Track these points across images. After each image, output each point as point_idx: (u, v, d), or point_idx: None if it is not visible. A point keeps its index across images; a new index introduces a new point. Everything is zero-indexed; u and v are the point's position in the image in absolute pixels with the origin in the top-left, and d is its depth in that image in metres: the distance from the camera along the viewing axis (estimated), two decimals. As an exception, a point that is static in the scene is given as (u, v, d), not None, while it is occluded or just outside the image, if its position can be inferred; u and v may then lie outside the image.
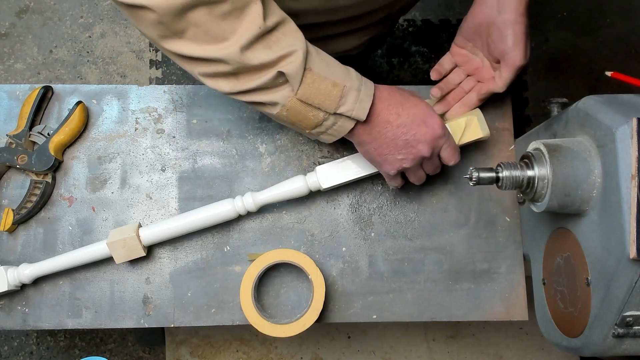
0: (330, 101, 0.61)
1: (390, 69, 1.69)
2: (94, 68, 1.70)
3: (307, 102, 0.61)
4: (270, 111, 0.63)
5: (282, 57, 0.58)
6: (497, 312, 0.78)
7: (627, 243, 0.50)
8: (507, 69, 0.70)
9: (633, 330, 0.55)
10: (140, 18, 0.55)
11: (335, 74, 0.61)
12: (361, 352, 1.28)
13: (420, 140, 0.65)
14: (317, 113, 0.62)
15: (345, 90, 0.61)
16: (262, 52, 0.58)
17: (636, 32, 1.73)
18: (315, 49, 0.62)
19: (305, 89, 0.60)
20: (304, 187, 0.74)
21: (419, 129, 0.65)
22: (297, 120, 0.63)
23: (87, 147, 0.81)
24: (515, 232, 0.79)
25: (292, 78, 0.59)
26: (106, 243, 0.72)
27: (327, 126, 0.64)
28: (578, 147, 0.58)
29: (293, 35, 0.60)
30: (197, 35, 0.56)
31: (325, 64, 0.61)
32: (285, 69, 0.58)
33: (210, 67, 0.59)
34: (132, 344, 1.54)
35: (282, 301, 0.78)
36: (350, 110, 0.62)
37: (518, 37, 0.67)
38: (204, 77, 0.61)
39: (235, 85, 0.60)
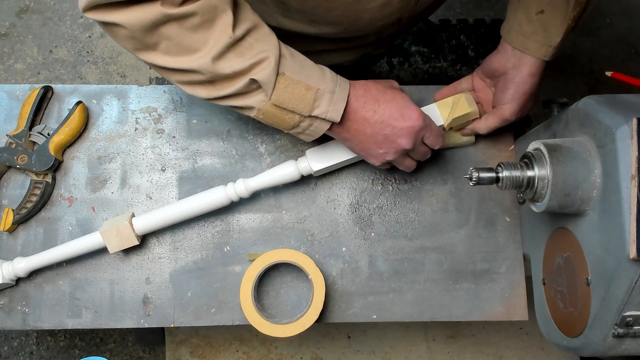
0: (304, 104, 0.62)
1: (390, 69, 1.68)
2: (94, 68, 1.70)
3: (281, 106, 0.62)
4: (247, 114, 0.64)
5: (255, 65, 0.59)
6: (497, 312, 0.78)
7: (627, 243, 0.50)
8: (494, 117, 0.74)
9: (633, 330, 0.55)
10: (114, 33, 0.58)
11: (309, 77, 0.62)
12: (361, 352, 1.28)
13: (400, 134, 0.66)
14: (292, 116, 0.63)
15: (319, 93, 0.62)
16: (234, 61, 0.59)
17: (636, 32, 1.73)
18: (289, 51, 0.63)
19: (278, 94, 0.61)
20: (295, 171, 0.74)
21: (397, 122, 0.66)
22: (273, 122, 0.64)
23: (87, 147, 0.81)
24: (515, 232, 0.79)
25: (264, 84, 0.60)
26: (99, 232, 0.73)
27: (304, 127, 0.65)
28: (578, 147, 0.58)
29: (265, 39, 0.60)
30: (170, 48, 0.58)
31: (299, 66, 0.62)
32: (257, 76, 0.59)
33: (185, 76, 0.61)
34: (132, 344, 1.54)
35: (282, 301, 0.78)
36: (325, 112, 0.63)
37: (517, 94, 0.70)
38: (180, 84, 0.63)
39: (212, 92, 0.62)
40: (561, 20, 0.67)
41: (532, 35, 0.68)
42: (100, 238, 0.73)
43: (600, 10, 1.74)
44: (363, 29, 0.75)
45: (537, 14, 0.68)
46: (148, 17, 0.55)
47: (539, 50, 0.69)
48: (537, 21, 0.68)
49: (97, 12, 0.56)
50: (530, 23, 0.68)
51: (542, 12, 0.67)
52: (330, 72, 0.64)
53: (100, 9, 0.56)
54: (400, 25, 0.80)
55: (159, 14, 0.55)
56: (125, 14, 0.55)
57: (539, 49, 0.69)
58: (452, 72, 1.70)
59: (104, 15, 0.56)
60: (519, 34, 0.69)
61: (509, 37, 0.71)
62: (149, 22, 0.55)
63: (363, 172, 0.80)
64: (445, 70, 1.71)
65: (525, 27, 0.69)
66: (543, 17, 0.67)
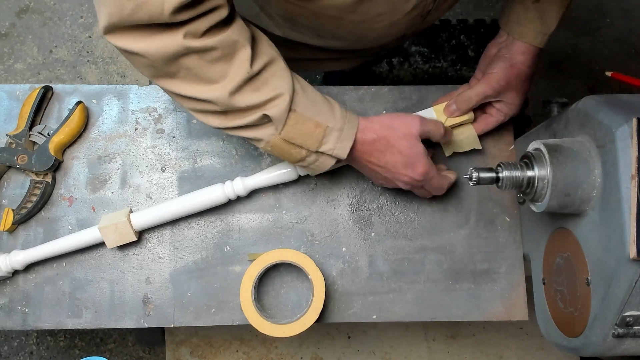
0: (312, 141, 0.63)
1: (390, 69, 1.68)
2: (94, 68, 1.70)
3: (290, 141, 0.63)
4: (255, 144, 0.65)
5: (269, 100, 0.60)
6: (497, 312, 0.78)
7: (627, 243, 0.50)
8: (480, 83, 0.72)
9: (633, 330, 0.55)
10: (133, 61, 0.58)
11: (319, 113, 0.63)
12: (361, 352, 1.28)
13: (399, 179, 0.69)
14: (299, 150, 0.64)
15: (328, 131, 0.63)
16: (250, 95, 0.59)
17: (636, 32, 1.73)
18: (301, 86, 0.63)
19: (288, 130, 0.62)
20: (292, 171, 0.75)
21: (399, 171, 0.67)
22: (280, 155, 0.65)
23: (87, 147, 0.81)
24: (515, 232, 0.79)
25: (276, 120, 0.61)
26: (98, 227, 0.73)
27: (310, 162, 0.66)
28: (578, 147, 0.58)
29: (281, 75, 0.61)
30: (188, 77, 0.58)
31: (310, 102, 0.63)
32: (270, 112, 0.60)
33: (200, 105, 0.61)
34: (132, 344, 1.54)
35: (282, 301, 0.78)
36: (332, 149, 0.64)
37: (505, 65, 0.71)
38: (193, 111, 0.63)
39: (223, 122, 0.62)
40: (557, 7, 0.68)
41: (528, 24, 0.69)
42: (98, 233, 0.73)
43: (600, 10, 1.74)
44: (369, 44, 0.75)
45: (533, 3, 0.68)
46: (170, 49, 0.55)
47: (535, 38, 0.70)
48: (533, 9, 0.69)
49: (118, 38, 0.55)
50: (527, 11, 0.69)
51: (538, 0, 0.68)
52: (339, 109, 0.65)
53: (121, 34, 0.55)
54: (404, 40, 0.80)
55: (180, 46, 0.55)
56: (147, 42, 0.55)
57: (536, 37, 0.69)
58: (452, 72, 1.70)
59: (125, 42, 0.55)
60: (515, 22, 0.70)
61: (507, 26, 0.71)
62: (171, 53, 0.55)
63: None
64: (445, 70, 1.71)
65: (522, 15, 0.69)
66: (539, 5, 0.68)
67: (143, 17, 0.52)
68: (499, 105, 0.74)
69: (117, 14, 0.52)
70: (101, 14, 0.53)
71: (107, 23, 0.53)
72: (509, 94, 0.72)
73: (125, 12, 0.52)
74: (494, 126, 0.76)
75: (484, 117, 0.77)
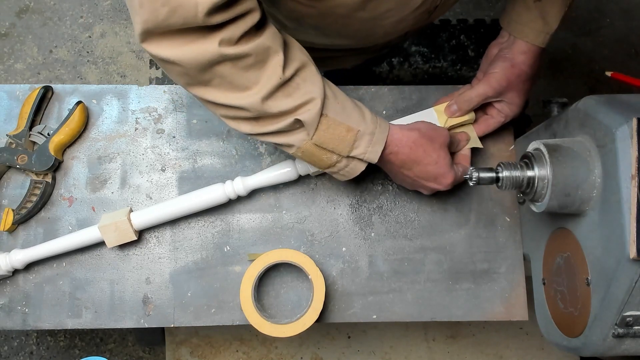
0: (343, 146, 0.63)
1: (390, 69, 1.69)
2: (94, 68, 1.70)
3: (321, 146, 0.63)
4: (286, 150, 0.65)
5: (301, 105, 0.60)
6: (497, 312, 0.78)
7: (627, 243, 0.50)
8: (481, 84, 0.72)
9: (633, 330, 0.55)
10: (168, 69, 0.58)
11: (350, 118, 0.63)
12: (361, 352, 1.28)
13: (424, 187, 0.71)
14: (330, 155, 0.64)
15: (359, 135, 0.63)
16: (282, 101, 0.59)
17: (636, 32, 1.73)
18: (332, 91, 0.63)
19: (320, 135, 0.62)
20: (292, 171, 0.75)
21: (427, 183, 0.70)
22: (311, 161, 0.65)
23: (87, 147, 0.81)
24: (515, 232, 0.79)
25: (308, 125, 0.61)
26: (98, 227, 0.73)
27: (340, 167, 0.66)
28: (578, 147, 0.58)
29: (312, 80, 0.61)
30: (221, 85, 0.58)
31: (341, 107, 0.63)
32: (302, 117, 0.60)
33: (232, 112, 0.61)
34: (132, 344, 1.54)
35: (282, 301, 0.78)
36: (363, 153, 0.64)
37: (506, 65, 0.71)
38: (225, 118, 0.63)
39: (255, 128, 0.62)
40: (559, 7, 0.68)
41: (530, 23, 0.69)
42: (97, 232, 0.73)
43: (600, 10, 1.74)
44: (374, 42, 0.75)
45: (535, 2, 0.68)
46: (205, 57, 0.55)
47: (537, 37, 0.69)
48: (535, 9, 0.69)
49: (154, 45, 0.55)
50: (529, 11, 0.69)
51: (539, 0, 0.68)
52: (369, 113, 0.65)
53: (157, 41, 0.54)
54: (407, 37, 0.80)
55: (216, 53, 0.54)
56: (182, 49, 0.54)
57: (537, 37, 0.69)
58: (452, 72, 1.70)
59: (161, 50, 0.55)
60: (517, 22, 0.70)
61: (509, 26, 0.71)
62: (206, 61, 0.55)
63: (363, 172, 0.80)
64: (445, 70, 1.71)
65: (523, 15, 0.69)
66: (541, 4, 0.68)
67: (177, 20, 0.52)
68: (499, 105, 0.74)
69: (152, 20, 0.52)
70: (136, 22, 0.53)
71: (143, 30, 0.53)
72: (510, 94, 0.72)
73: (160, 17, 0.52)
74: (495, 127, 0.76)
75: (484, 119, 0.77)
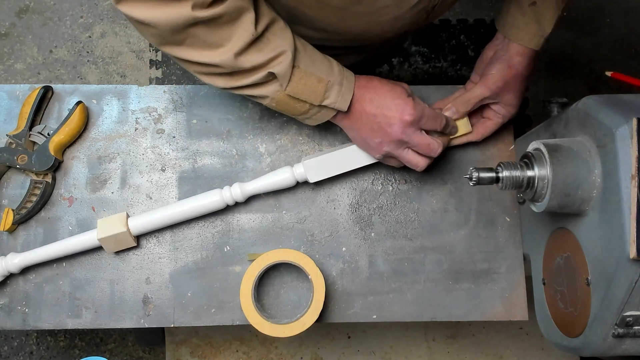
0: (315, 95, 0.66)
1: (390, 69, 1.69)
2: (94, 68, 1.70)
3: (294, 97, 0.66)
4: (260, 101, 0.68)
5: (273, 58, 0.63)
6: (497, 312, 0.78)
7: (627, 243, 0.50)
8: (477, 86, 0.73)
9: (633, 330, 0.55)
10: (141, 30, 0.60)
11: (320, 69, 0.66)
12: (361, 352, 1.28)
13: (391, 123, 0.68)
14: (303, 104, 0.67)
15: (329, 85, 0.66)
16: (255, 56, 0.62)
17: (636, 32, 1.73)
18: (302, 44, 0.66)
19: (293, 85, 0.64)
20: (290, 178, 0.75)
21: (389, 112, 0.68)
22: (284, 110, 0.69)
23: (87, 147, 0.81)
24: (515, 232, 0.79)
25: (281, 77, 0.64)
26: (97, 239, 0.73)
27: (312, 114, 0.69)
28: (578, 147, 0.58)
29: (282, 34, 0.63)
30: (194, 44, 0.61)
31: (310, 59, 0.66)
32: (275, 69, 0.63)
33: (205, 69, 0.64)
34: (132, 344, 1.54)
35: (282, 301, 0.78)
36: (333, 102, 0.67)
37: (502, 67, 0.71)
38: (199, 74, 0.65)
39: (229, 82, 0.65)
40: (552, 11, 0.69)
41: (524, 27, 0.70)
42: (94, 237, 0.74)
43: (600, 10, 1.74)
44: (371, 39, 0.76)
45: (529, 6, 0.69)
46: (178, 20, 0.57)
47: (531, 41, 0.70)
48: (530, 13, 0.70)
49: (129, 7, 0.57)
50: (524, 15, 0.70)
51: (534, 3, 0.69)
52: (337, 65, 0.68)
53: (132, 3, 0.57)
54: (406, 37, 0.81)
55: (189, 17, 0.57)
56: (156, 12, 0.56)
57: (532, 40, 0.70)
58: (452, 72, 1.70)
59: (135, 11, 0.57)
60: (512, 26, 0.71)
61: (504, 29, 0.72)
62: (180, 24, 0.57)
63: (363, 172, 0.80)
64: (445, 70, 1.71)
65: (518, 19, 0.70)
66: (535, 8, 0.69)
67: None
68: (496, 107, 0.75)
69: None
70: None
71: None
72: (507, 95, 0.73)
73: None
74: (493, 130, 0.77)
75: (482, 122, 0.77)
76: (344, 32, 0.73)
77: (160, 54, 1.70)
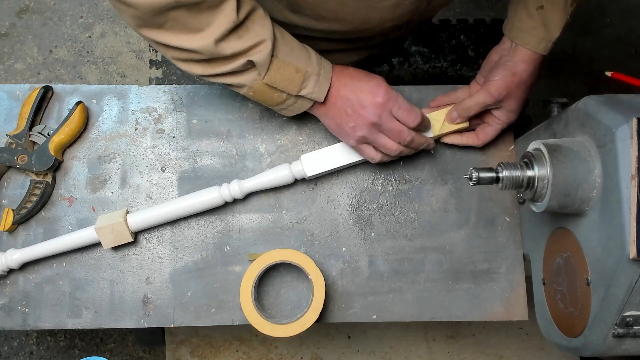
0: (293, 85, 0.66)
1: (390, 69, 1.69)
2: (94, 68, 1.70)
3: (272, 86, 0.66)
4: (237, 90, 0.68)
5: (253, 47, 0.63)
6: (497, 312, 0.78)
7: (627, 243, 0.50)
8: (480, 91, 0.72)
9: (633, 330, 0.55)
10: (122, 10, 0.59)
11: (298, 59, 0.66)
12: (361, 352, 1.28)
13: (364, 104, 0.69)
14: (280, 94, 0.67)
15: (307, 75, 0.66)
16: (235, 43, 0.62)
17: (636, 32, 1.73)
18: (280, 33, 0.66)
19: (271, 75, 0.65)
20: (288, 175, 0.75)
21: (362, 95, 0.69)
22: (261, 99, 0.69)
23: (87, 147, 0.81)
24: (515, 232, 0.79)
25: (260, 66, 0.64)
26: (94, 228, 0.73)
27: (289, 104, 0.69)
28: (578, 147, 0.58)
29: (261, 23, 0.63)
30: (174, 27, 0.60)
31: (289, 48, 0.66)
32: (254, 58, 0.63)
33: (183, 54, 0.63)
34: (132, 344, 1.54)
35: (282, 301, 0.78)
36: (310, 93, 0.67)
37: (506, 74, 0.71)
38: (176, 60, 0.65)
39: (207, 70, 0.64)
40: (560, 15, 0.69)
41: (532, 30, 0.70)
42: (94, 233, 0.74)
43: (600, 10, 1.74)
44: (372, 29, 0.75)
45: (537, 9, 0.69)
46: (161, 2, 0.56)
47: (538, 45, 0.70)
48: (537, 16, 0.69)
49: None
50: (531, 18, 0.69)
51: (541, 7, 0.69)
52: (315, 55, 0.68)
53: None
54: (407, 28, 0.80)
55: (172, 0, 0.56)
56: None
57: (539, 44, 0.70)
58: (452, 72, 1.70)
59: None
60: (520, 29, 0.71)
61: (511, 33, 0.72)
62: (162, 5, 0.57)
63: (363, 172, 0.80)
64: (445, 70, 1.71)
65: (525, 22, 0.70)
66: (543, 12, 0.69)
67: None
68: (497, 113, 0.75)
69: None
70: None
71: None
72: (509, 102, 0.73)
73: None
74: (494, 136, 0.77)
75: (482, 127, 0.77)
76: (344, 19, 0.72)
77: (161, 55, 1.70)
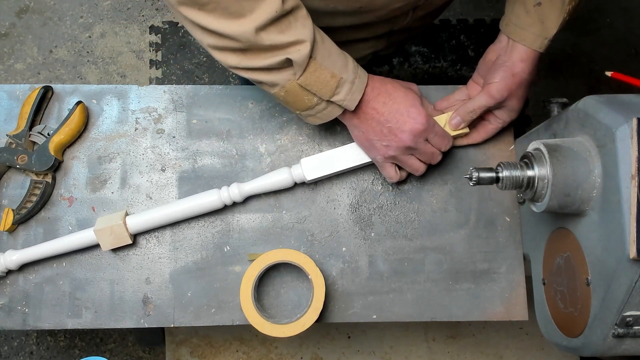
0: (326, 90, 0.65)
1: (390, 69, 1.69)
2: (94, 68, 1.70)
3: (305, 88, 0.64)
4: (268, 90, 0.66)
5: (292, 44, 0.61)
6: (497, 312, 0.78)
7: (627, 243, 0.50)
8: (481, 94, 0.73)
9: (633, 330, 0.55)
10: None
11: (335, 64, 0.65)
12: (361, 352, 1.28)
13: (403, 129, 0.69)
14: (311, 98, 0.66)
15: (342, 82, 0.65)
16: (275, 35, 0.60)
17: (636, 32, 1.73)
18: (320, 36, 0.64)
19: (306, 76, 0.63)
20: (288, 178, 0.75)
21: (402, 118, 0.68)
22: (291, 101, 0.67)
23: (87, 147, 0.81)
24: (515, 232, 0.79)
25: (297, 65, 0.62)
26: (93, 230, 0.73)
27: (318, 110, 0.68)
28: (578, 147, 0.58)
29: (303, 22, 0.62)
30: (216, 10, 0.58)
31: (327, 52, 0.65)
32: (293, 56, 0.61)
33: (221, 41, 0.61)
34: (132, 344, 1.54)
35: (282, 301, 0.78)
36: (342, 100, 0.66)
37: (506, 75, 0.71)
38: (212, 49, 0.63)
39: (242, 61, 0.63)
40: (557, 12, 0.69)
41: (528, 27, 0.70)
42: (93, 235, 0.74)
43: (600, 10, 1.74)
44: (379, 10, 0.75)
45: (534, 6, 0.69)
46: None
47: (534, 41, 0.70)
48: (534, 13, 0.69)
49: None
50: (528, 15, 0.69)
51: (539, 4, 0.69)
52: (352, 62, 0.67)
53: None
54: (413, 17, 0.80)
55: None
56: None
57: (535, 41, 0.70)
58: (452, 72, 1.70)
59: None
60: (516, 25, 0.70)
61: (507, 29, 0.72)
62: None
63: (363, 172, 0.80)
64: (445, 70, 1.71)
65: (522, 19, 0.70)
66: (540, 9, 0.69)
67: None
68: (498, 112, 0.75)
69: None
70: None
71: None
72: (510, 102, 0.73)
73: None
74: (494, 133, 0.77)
75: (483, 125, 0.77)
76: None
77: (160, 54, 1.70)
